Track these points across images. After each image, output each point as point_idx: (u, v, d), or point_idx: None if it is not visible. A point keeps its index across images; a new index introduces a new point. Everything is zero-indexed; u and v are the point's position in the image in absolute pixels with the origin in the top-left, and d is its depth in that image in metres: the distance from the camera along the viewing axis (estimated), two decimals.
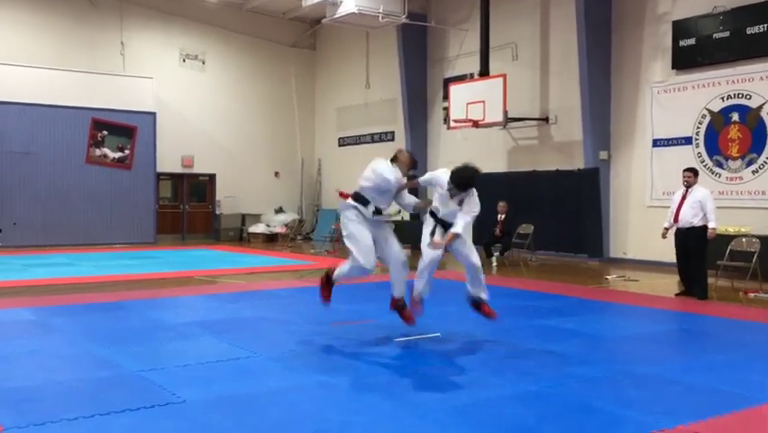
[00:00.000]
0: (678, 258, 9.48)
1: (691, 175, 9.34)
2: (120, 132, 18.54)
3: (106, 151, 18.42)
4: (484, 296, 6.35)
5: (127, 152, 18.67)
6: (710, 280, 10.56)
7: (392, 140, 19.81)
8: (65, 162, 17.81)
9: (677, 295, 9.46)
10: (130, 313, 7.75)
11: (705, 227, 9.13)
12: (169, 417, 4.12)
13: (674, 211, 9.33)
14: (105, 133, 18.37)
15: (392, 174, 6.05)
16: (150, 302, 8.57)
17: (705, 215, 9.11)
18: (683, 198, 9.27)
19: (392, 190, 6.12)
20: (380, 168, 6.08)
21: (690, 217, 9.12)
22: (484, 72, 15.51)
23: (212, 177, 21.10)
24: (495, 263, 13.44)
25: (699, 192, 9.20)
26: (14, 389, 4.67)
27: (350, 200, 6.14)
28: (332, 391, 4.73)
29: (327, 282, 6.41)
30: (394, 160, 6.25)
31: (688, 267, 9.37)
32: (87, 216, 18.01)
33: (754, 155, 12.10)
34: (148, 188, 18.98)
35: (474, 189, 6.05)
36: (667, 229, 9.48)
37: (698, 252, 9.19)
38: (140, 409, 4.23)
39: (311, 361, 5.56)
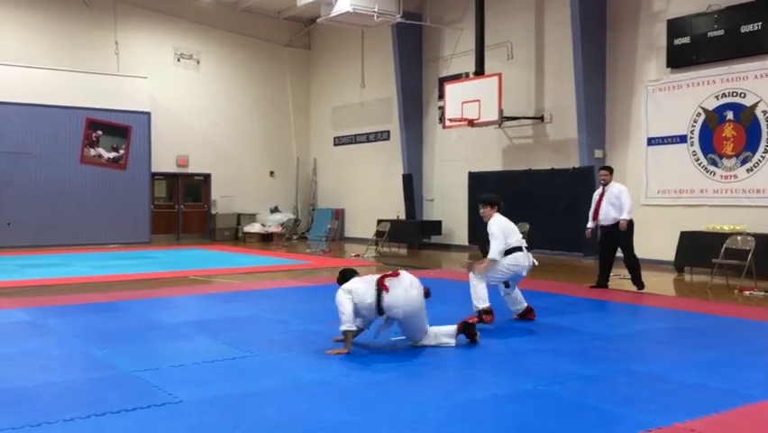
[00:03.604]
0: (600, 253, 9.79)
1: (607, 173, 9.68)
2: (114, 131, 18.51)
3: (101, 151, 18.38)
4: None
5: (122, 151, 18.63)
6: (706, 279, 10.62)
7: (387, 139, 19.84)
8: (59, 162, 17.77)
9: (592, 287, 9.74)
10: (125, 313, 7.73)
11: (629, 221, 9.40)
12: (166, 417, 4.11)
13: (594, 210, 9.65)
14: (100, 133, 18.33)
15: None
16: (146, 302, 8.56)
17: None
18: (601, 196, 9.59)
19: None
20: None
21: (612, 214, 9.43)
22: (479, 71, 15.53)
23: (207, 176, 21.07)
24: None
25: (615, 188, 9.52)
26: (9, 390, 4.66)
27: None
28: (328, 390, 4.73)
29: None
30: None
31: (608, 261, 9.69)
32: (82, 217, 17.97)
33: (749, 153, 12.13)
34: (143, 188, 18.95)
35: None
36: (590, 229, 9.81)
37: (625, 245, 9.49)
38: (136, 409, 4.22)
39: (307, 360, 5.55)
